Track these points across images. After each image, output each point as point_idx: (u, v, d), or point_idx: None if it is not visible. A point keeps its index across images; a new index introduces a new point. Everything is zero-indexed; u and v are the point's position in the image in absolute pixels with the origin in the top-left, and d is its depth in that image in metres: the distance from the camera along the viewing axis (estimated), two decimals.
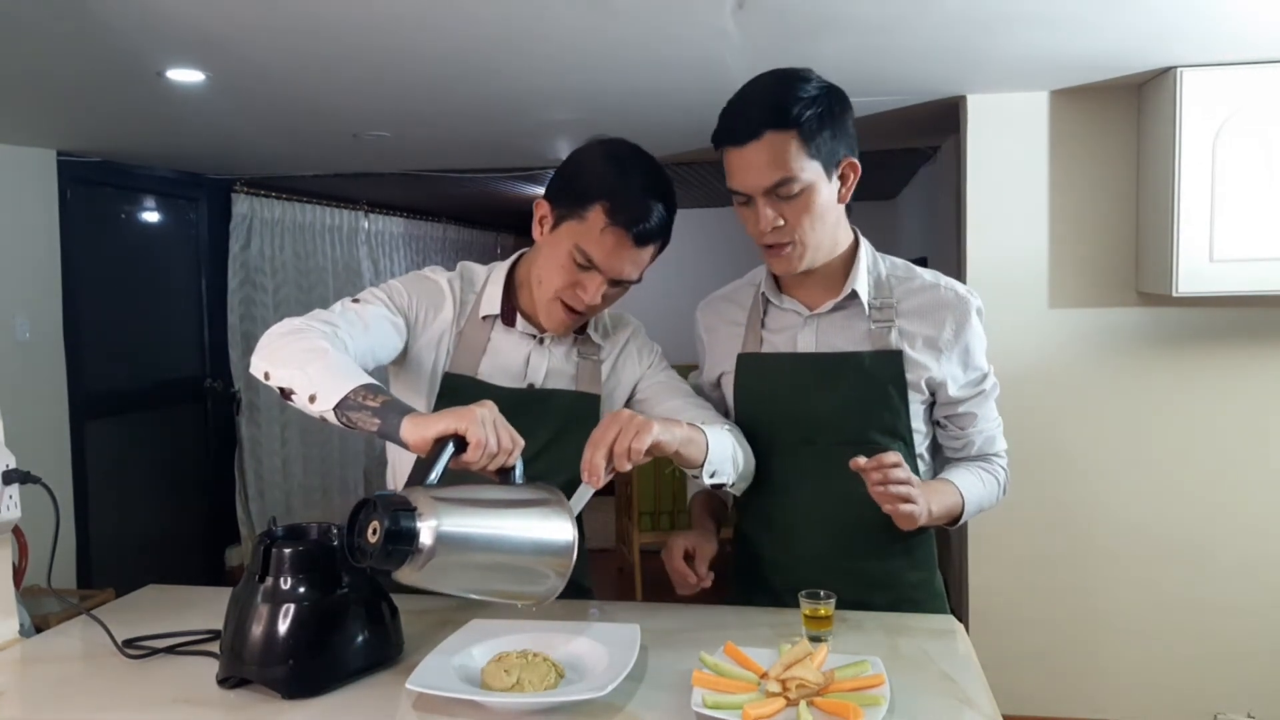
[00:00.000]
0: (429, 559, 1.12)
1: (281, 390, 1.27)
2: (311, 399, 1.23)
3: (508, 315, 1.52)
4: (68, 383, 3.88)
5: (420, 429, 1.17)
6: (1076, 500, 3.13)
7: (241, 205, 4.83)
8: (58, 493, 1.46)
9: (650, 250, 1.43)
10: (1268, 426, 3.00)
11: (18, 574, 1.57)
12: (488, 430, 1.17)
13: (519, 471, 1.24)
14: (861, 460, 1.30)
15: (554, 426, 1.51)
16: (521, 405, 1.47)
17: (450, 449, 1.16)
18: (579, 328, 1.56)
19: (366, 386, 1.23)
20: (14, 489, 1.44)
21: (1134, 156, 3.03)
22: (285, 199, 5.12)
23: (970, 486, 1.50)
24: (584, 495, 1.27)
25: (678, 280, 7.44)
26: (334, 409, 1.22)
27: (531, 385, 1.52)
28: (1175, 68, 2.67)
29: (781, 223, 1.38)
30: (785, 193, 1.36)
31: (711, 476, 1.39)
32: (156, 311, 4.51)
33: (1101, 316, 3.08)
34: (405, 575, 1.13)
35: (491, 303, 1.52)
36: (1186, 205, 2.68)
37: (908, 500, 1.32)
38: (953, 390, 1.49)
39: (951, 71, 2.77)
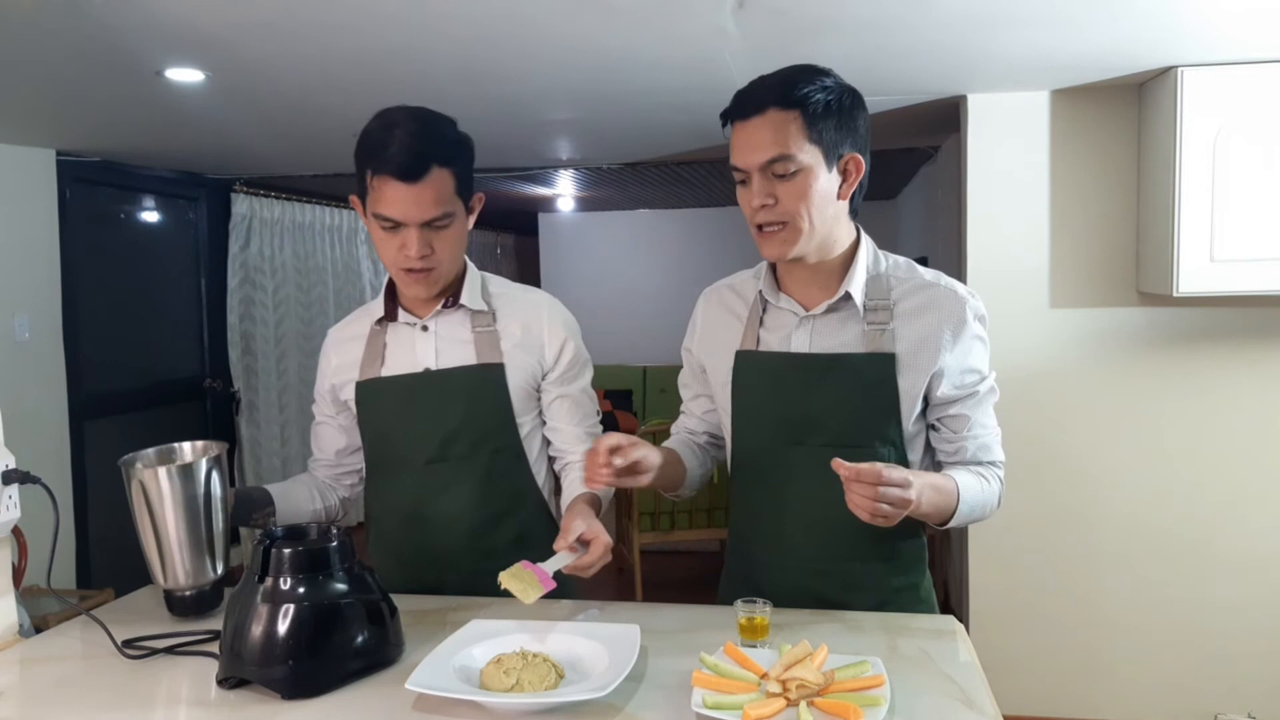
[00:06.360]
0: None
1: None
2: None
3: (390, 312, 1.65)
4: (67, 382, 3.87)
5: None
6: (1077, 500, 3.12)
7: (241, 205, 4.83)
8: (57, 493, 1.46)
9: (433, 180, 1.49)
10: (1269, 426, 3.00)
11: (17, 574, 1.57)
12: None
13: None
14: (842, 468, 1.25)
15: (462, 402, 1.61)
16: (422, 388, 1.60)
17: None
18: (452, 300, 1.62)
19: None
20: (14, 489, 1.44)
21: (1134, 156, 3.03)
22: (285, 199, 5.11)
23: (969, 487, 1.42)
24: (560, 560, 1.37)
25: (679, 279, 7.45)
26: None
27: (427, 369, 1.61)
28: (1175, 68, 2.67)
29: (773, 202, 1.37)
30: (781, 170, 1.36)
31: None
32: (156, 311, 4.51)
33: (1102, 316, 3.08)
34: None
35: (378, 309, 1.67)
36: (1187, 205, 2.68)
37: (887, 516, 1.26)
38: (945, 390, 1.45)
39: (951, 71, 2.77)
